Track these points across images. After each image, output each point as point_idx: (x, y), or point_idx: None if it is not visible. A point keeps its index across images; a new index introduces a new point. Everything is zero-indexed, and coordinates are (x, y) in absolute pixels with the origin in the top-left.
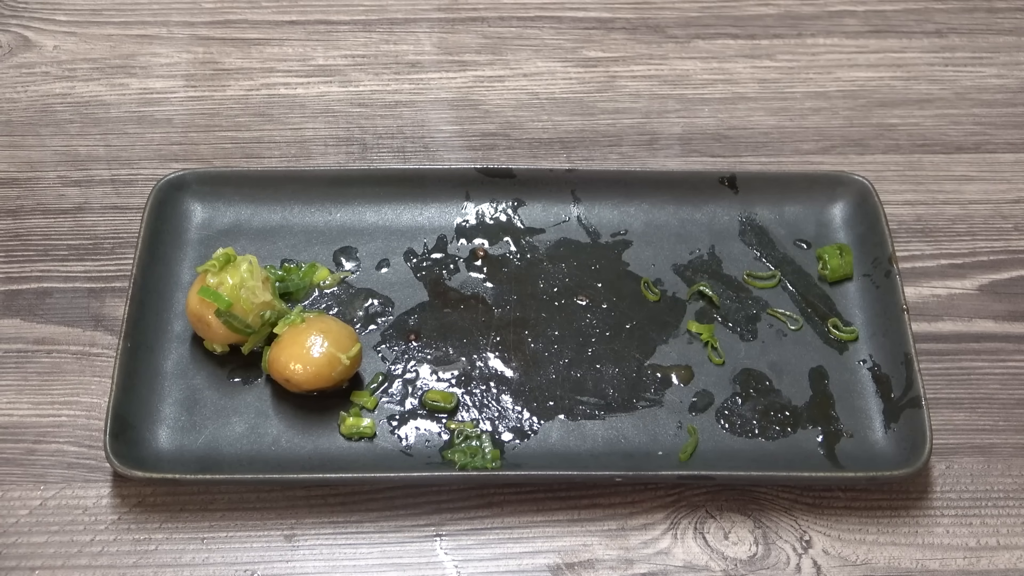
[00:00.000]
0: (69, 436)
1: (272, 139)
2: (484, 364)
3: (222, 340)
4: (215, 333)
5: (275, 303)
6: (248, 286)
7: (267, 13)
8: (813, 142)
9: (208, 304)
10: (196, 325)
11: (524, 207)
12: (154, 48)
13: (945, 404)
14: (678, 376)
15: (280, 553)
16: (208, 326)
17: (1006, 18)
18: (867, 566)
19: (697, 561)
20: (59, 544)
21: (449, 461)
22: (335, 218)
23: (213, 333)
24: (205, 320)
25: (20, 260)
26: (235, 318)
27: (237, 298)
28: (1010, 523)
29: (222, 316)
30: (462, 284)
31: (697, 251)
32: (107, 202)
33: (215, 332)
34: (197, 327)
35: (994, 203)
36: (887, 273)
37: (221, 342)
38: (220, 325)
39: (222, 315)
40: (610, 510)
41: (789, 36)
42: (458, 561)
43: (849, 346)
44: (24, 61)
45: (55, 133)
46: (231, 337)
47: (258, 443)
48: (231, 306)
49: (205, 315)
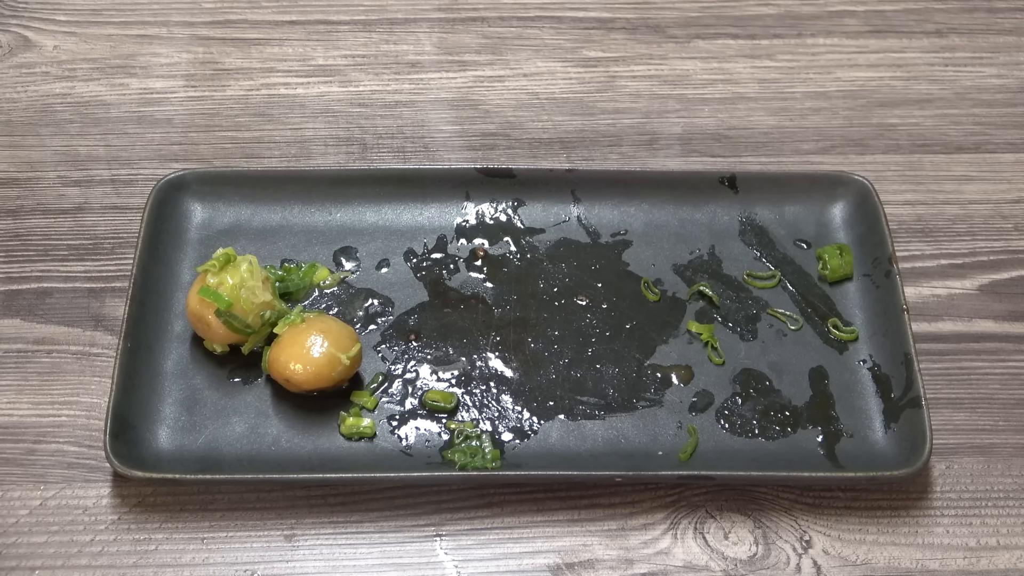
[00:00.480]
0: (69, 436)
1: (272, 139)
2: (484, 364)
3: (222, 340)
4: (215, 333)
5: (275, 303)
6: (248, 286)
7: (267, 13)
8: (813, 142)
9: (208, 304)
10: (196, 325)
11: (524, 207)
12: (154, 48)
13: (945, 404)
14: (678, 376)
15: (280, 553)
16: (208, 326)
17: (1006, 18)
18: (867, 566)
19: (697, 561)
20: (59, 544)
21: (449, 461)
22: (335, 218)
23: (213, 333)
24: (205, 320)
25: (20, 260)
26: (235, 318)
27: (237, 298)
28: (1010, 523)
29: (222, 316)
30: (462, 284)
31: (697, 251)
32: (107, 202)
33: (215, 332)
34: (197, 327)
35: (994, 203)
36: (887, 273)
37: (221, 342)
38: (220, 325)
39: (222, 315)
40: (610, 510)
41: (789, 36)
42: (458, 561)
43: (849, 346)
44: (24, 61)
45: (55, 133)
46: (231, 337)
47: (258, 443)
48: (231, 306)
49: (205, 315)
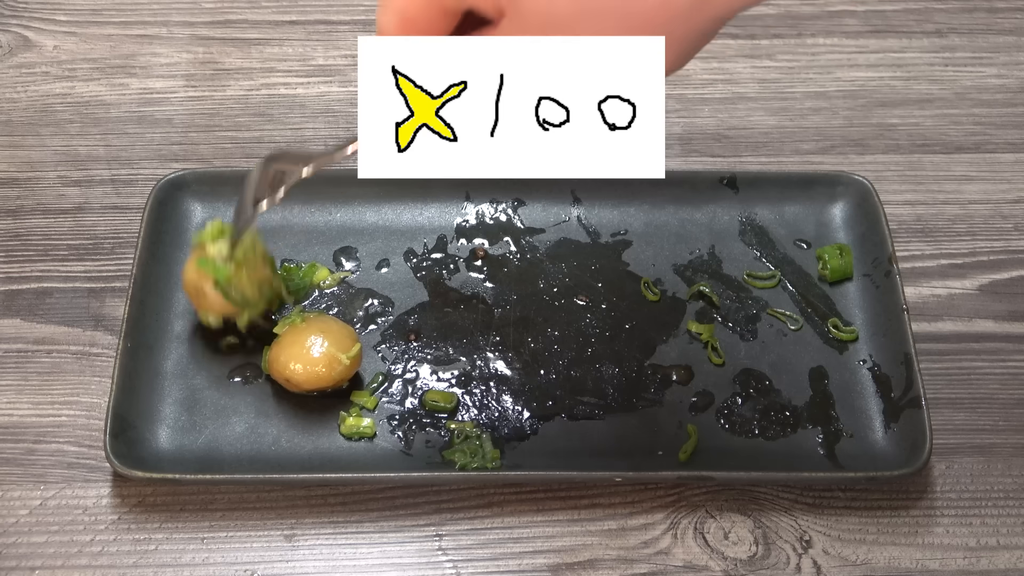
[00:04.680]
0: (69, 436)
1: (272, 139)
2: (484, 364)
3: (217, 311)
4: (211, 303)
5: (273, 280)
6: (248, 259)
7: (267, 13)
8: (813, 142)
9: (205, 275)
10: (191, 295)
11: (524, 207)
12: (154, 48)
13: (945, 404)
14: (678, 376)
15: (280, 553)
16: (204, 296)
17: (1006, 18)
18: (867, 566)
19: (697, 561)
20: (59, 544)
21: (449, 461)
22: (335, 218)
23: (209, 304)
24: (202, 291)
25: (20, 260)
26: (232, 290)
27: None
28: (1010, 523)
29: (219, 288)
30: (462, 284)
31: (697, 251)
32: (107, 202)
33: (211, 303)
34: (192, 297)
35: (994, 203)
36: (887, 273)
37: (216, 313)
38: (216, 296)
39: (220, 287)
40: (610, 510)
41: (789, 36)
42: (458, 561)
43: (849, 346)
44: (24, 61)
45: (55, 133)
46: (226, 308)
47: (258, 443)
48: (229, 278)
49: (202, 286)
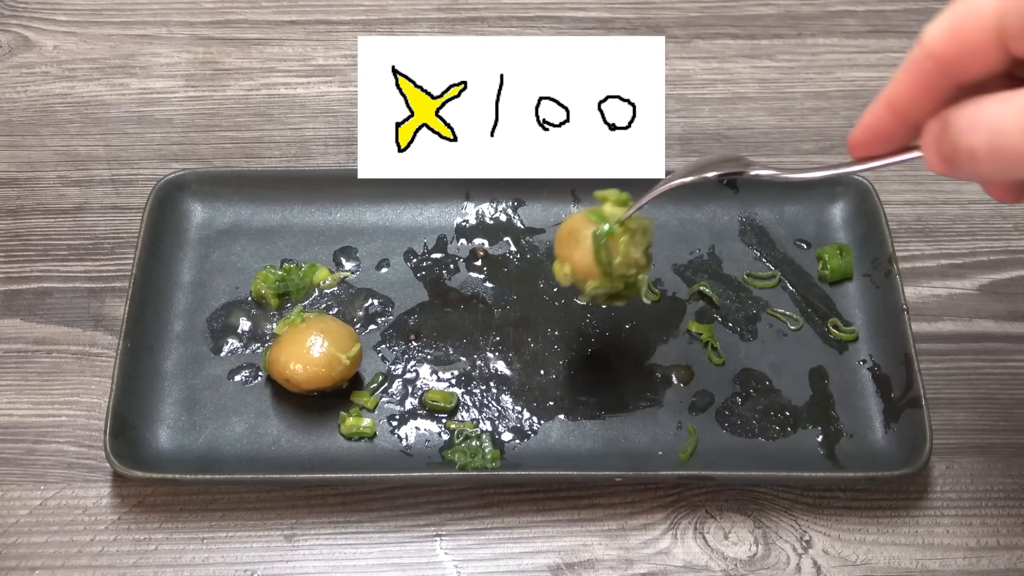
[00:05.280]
0: (69, 436)
1: (272, 139)
2: (484, 364)
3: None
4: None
5: (641, 276)
6: (636, 234)
7: (267, 13)
8: (813, 142)
9: (590, 221)
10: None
11: (524, 207)
12: (154, 48)
13: (945, 404)
14: (678, 376)
15: (280, 553)
16: (577, 245)
17: None
18: (867, 566)
19: (697, 561)
20: (59, 544)
21: (449, 461)
22: (335, 218)
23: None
24: (577, 237)
25: (20, 260)
26: (605, 250)
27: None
28: (1010, 523)
29: (595, 242)
30: (462, 284)
31: (697, 251)
32: (107, 202)
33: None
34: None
35: (994, 203)
36: (887, 273)
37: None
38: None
39: (597, 240)
40: (610, 510)
41: (789, 36)
42: (458, 561)
43: (849, 346)
44: (24, 61)
45: (55, 133)
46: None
47: (258, 443)
48: (615, 232)
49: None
